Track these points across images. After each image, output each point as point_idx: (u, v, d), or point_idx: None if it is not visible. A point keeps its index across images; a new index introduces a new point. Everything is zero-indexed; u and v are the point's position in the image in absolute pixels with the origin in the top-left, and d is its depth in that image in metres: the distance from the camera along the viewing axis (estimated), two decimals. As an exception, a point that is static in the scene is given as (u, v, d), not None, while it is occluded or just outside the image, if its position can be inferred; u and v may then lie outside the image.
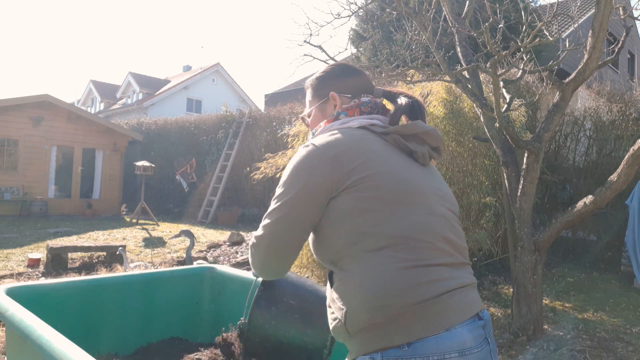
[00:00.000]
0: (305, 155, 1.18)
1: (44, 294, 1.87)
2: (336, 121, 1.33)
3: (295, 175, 1.18)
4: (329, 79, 1.43)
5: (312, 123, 1.44)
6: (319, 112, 1.42)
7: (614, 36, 13.32)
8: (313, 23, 4.31)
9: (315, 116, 1.43)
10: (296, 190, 1.16)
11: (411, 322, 1.04)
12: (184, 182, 13.00)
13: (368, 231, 1.11)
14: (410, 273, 1.07)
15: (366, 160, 1.16)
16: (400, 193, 1.14)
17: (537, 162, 3.78)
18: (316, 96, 1.43)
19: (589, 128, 7.82)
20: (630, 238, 5.98)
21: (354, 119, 1.30)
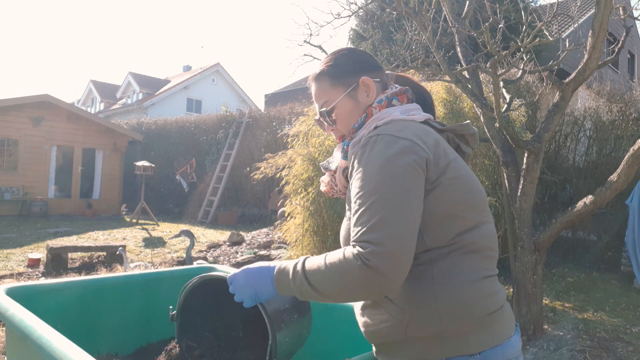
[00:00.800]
0: (400, 146, 1.03)
1: (44, 294, 1.87)
2: (391, 107, 1.18)
3: (389, 165, 1.01)
4: (351, 63, 1.25)
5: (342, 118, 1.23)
6: (351, 103, 1.22)
7: (614, 36, 13.31)
8: (313, 23, 4.31)
9: (345, 109, 1.22)
10: (398, 178, 1.00)
11: (483, 331, 1.06)
12: (184, 182, 13.00)
13: (453, 237, 1.06)
14: (485, 283, 1.08)
15: (451, 160, 1.10)
16: (480, 200, 1.13)
17: (537, 162, 3.78)
18: (338, 85, 1.23)
19: (589, 128, 7.82)
20: (630, 238, 5.98)
21: (413, 110, 1.19)
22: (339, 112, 1.23)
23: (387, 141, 1.05)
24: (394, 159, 1.02)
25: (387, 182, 0.99)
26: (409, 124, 1.12)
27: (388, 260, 0.92)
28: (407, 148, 1.03)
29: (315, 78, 1.27)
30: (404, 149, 1.03)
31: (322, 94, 1.26)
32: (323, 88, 1.25)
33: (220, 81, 27.78)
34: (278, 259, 6.26)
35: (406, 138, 1.05)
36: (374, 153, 1.04)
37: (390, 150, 1.03)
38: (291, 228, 5.22)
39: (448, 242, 1.06)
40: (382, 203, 0.97)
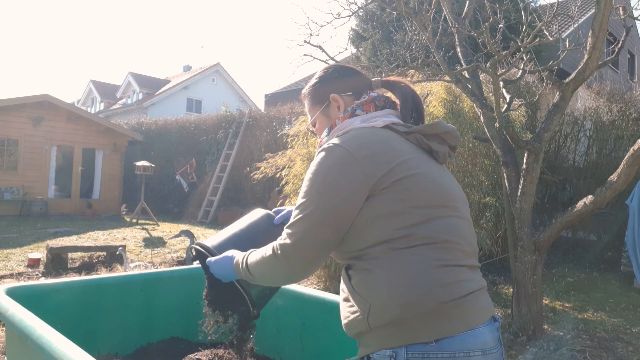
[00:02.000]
0: (337, 158, 1.15)
1: (44, 294, 1.87)
2: (354, 117, 1.30)
3: (328, 181, 1.14)
4: (326, 83, 1.41)
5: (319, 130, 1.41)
6: (325, 118, 1.39)
7: (614, 36, 13.31)
8: (313, 23, 4.31)
9: (321, 123, 1.40)
10: (331, 196, 1.13)
11: (440, 319, 1.07)
12: (184, 182, 13.00)
13: (401, 232, 1.11)
14: (441, 271, 1.11)
15: (400, 162, 1.16)
16: (435, 196, 1.16)
17: (537, 162, 3.78)
18: (316, 103, 1.41)
19: (589, 128, 7.82)
20: (630, 238, 5.98)
21: (376, 117, 1.28)
22: (318, 126, 1.41)
23: (328, 152, 1.17)
24: (327, 170, 1.15)
25: (315, 188, 1.14)
26: (363, 131, 1.22)
27: (291, 250, 1.15)
28: (341, 160, 1.14)
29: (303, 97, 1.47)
30: (339, 161, 1.14)
31: (308, 111, 1.46)
32: (307, 107, 1.45)
33: (220, 81, 27.78)
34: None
35: (349, 151, 1.15)
36: (314, 162, 1.19)
37: (327, 161, 1.16)
38: (291, 228, 5.20)
39: (395, 236, 1.11)
40: (306, 205, 1.14)
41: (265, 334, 2.07)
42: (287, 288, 2.01)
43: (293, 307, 1.97)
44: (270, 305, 2.04)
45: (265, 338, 2.07)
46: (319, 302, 1.89)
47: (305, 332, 1.94)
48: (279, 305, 2.01)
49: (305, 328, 1.93)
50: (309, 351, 1.93)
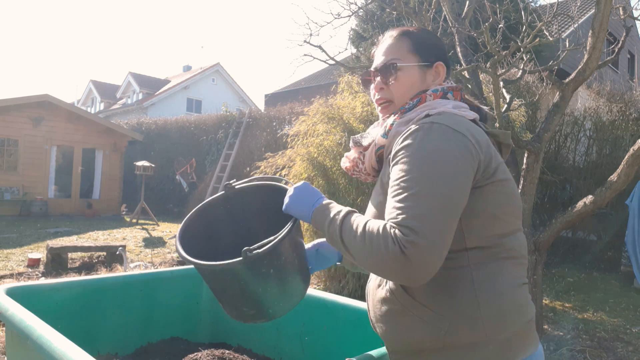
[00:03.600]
0: (448, 135, 1.00)
1: (44, 294, 1.87)
2: (445, 100, 1.14)
3: (442, 155, 0.97)
4: (435, 45, 1.23)
5: (400, 84, 1.18)
6: (417, 77, 1.18)
7: (614, 36, 13.31)
8: (313, 23, 4.31)
9: (410, 78, 1.18)
10: (456, 181, 0.96)
11: (520, 339, 1.03)
12: (184, 182, 13.00)
13: (494, 240, 1.03)
14: (523, 290, 1.07)
15: (500, 162, 1.08)
16: (519, 206, 1.11)
17: (537, 162, 3.78)
18: (417, 53, 1.19)
19: (589, 128, 7.82)
20: (630, 238, 5.98)
21: (464, 108, 1.14)
22: (402, 77, 1.18)
23: (443, 132, 1.00)
24: (448, 151, 0.98)
25: (437, 172, 0.95)
26: (461, 119, 1.08)
27: (426, 254, 0.89)
28: (462, 143, 0.99)
29: (396, 35, 1.22)
30: (459, 144, 0.99)
31: (395, 50, 1.20)
32: (400, 46, 1.20)
33: (220, 81, 27.78)
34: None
35: (462, 132, 1.01)
36: (427, 140, 0.99)
37: (445, 141, 0.99)
38: (291, 228, 5.20)
39: (488, 244, 1.02)
40: (430, 193, 0.93)
41: (265, 334, 2.07)
42: (287, 288, 2.01)
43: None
44: (270, 305, 2.04)
45: (265, 338, 2.07)
46: (319, 302, 1.89)
47: (305, 332, 1.94)
48: (279, 305, 2.00)
49: (305, 328, 1.93)
50: (309, 351, 1.93)
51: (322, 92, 6.97)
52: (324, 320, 1.87)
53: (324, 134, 5.03)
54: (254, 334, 2.13)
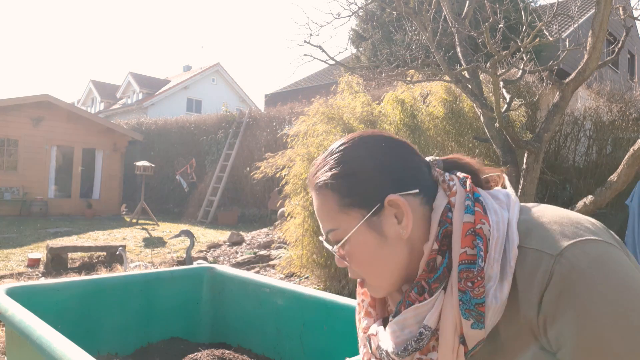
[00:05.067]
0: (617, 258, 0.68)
1: (44, 294, 1.87)
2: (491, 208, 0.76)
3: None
4: (370, 171, 0.79)
5: (361, 260, 0.80)
6: (372, 235, 0.78)
7: (614, 36, 13.31)
8: (313, 23, 4.31)
9: (364, 244, 0.78)
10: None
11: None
12: (184, 182, 13.00)
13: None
14: None
15: None
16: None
17: (537, 162, 3.78)
18: (352, 205, 0.78)
19: (589, 128, 7.82)
20: (630, 238, 5.98)
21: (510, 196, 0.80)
22: (355, 249, 0.80)
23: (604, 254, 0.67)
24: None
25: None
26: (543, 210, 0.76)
27: None
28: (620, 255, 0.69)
29: (315, 188, 0.83)
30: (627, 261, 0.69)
31: (326, 215, 0.82)
32: (329, 209, 0.81)
33: (220, 81, 27.78)
34: (278, 259, 6.26)
35: (610, 243, 0.70)
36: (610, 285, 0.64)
37: (625, 266, 0.67)
38: (291, 228, 5.21)
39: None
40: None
41: (265, 334, 2.07)
42: (287, 288, 2.01)
43: (293, 307, 1.97)
44: (270, 305, 2.04)
45: (265, 338, 2.08)
46: (319, 302, 1.89)
47: (305, 332, 1.94)
48: (279, 305, 2.01)
49: (305, 328, 1.93)
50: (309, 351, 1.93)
51: (322, 92, 6.97)
52: (324, 320, 1.87)
53: (324, 134, 5.03)
54: (254, 334, 2.13)
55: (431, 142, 5.26)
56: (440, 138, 5.37)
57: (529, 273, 0.69)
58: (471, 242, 0.72)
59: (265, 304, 2.06)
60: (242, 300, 2.18)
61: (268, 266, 6.28)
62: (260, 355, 2.08)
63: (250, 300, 2.13)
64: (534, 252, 0.69)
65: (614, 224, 7.01)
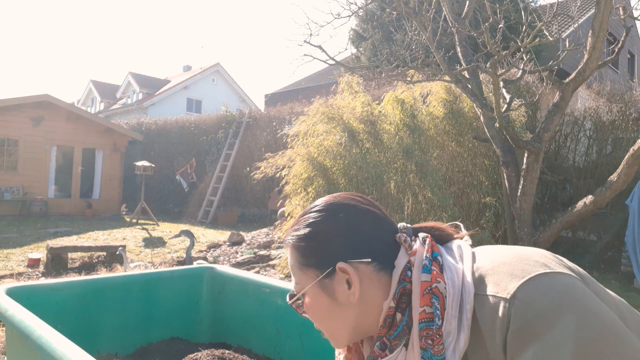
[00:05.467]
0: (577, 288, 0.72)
1: (44, 294, 1.87)
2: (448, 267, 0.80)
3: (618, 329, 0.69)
4: (328, 237, 0.84)
5: (318, 316, 0.86)
6: (324, 296, 0.83)
7: (614, 36, 13.31)
8: (313, 23, 4.31)
9: (318, 302, 0.84)
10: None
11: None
12: (184, 182, 13.01)
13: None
14: None
15: None
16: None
17: (537, 162, 3.78)
18: (309, 265, 0.85)
19: (589, 128, 7.82)
20: (630, 238, 5.98)
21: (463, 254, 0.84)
22: (310, 305, 0.86)
23: (555, 287, 0.71)
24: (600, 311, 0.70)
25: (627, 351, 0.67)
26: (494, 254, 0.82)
27: None
28: (579, 284, 0.74)
29: (285, 244, 0.92)
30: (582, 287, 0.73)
31: (291, 268, 0.89)
32: (292, 263, 0.89)
33: (220, 81, 27.79)
34: (278, 259, 6.26)
35: (561, 272, 0.75)
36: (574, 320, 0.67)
37: (579, 295, 0.71)
38: (291, 228, 5.21)
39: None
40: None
41: (265, 334, 2.07)
42: (287, 288, 2.01)
43: (293, 307, 1.97)
44: (270, 305, 2.04)
45: (265, 338, 2.07)
46: (319, 302, 1.89)
47: (305, 332, 1.94)
48: (279, 305, 2.01)
49: (305, 328, 1.93)
50: (309, 351, 1.93)
51: (322, 92, 6.97)
52: (324, 320, 1.87)
53: (324, 134, 5.03)
54: (254, 334, 2.13)
55: (431, 142, 5.26)
56: (440, 138, 5.37)
57: (489, 321, 0.72)
58: (429, 300, 0.76)
59: (265, 304, 2.06)
60: (242, 300, 2.18)
61: (268, 266, 6.28)
62: (260, 355, 2.08)
63: (250, 300, 2.13)
64: (491, 298, 0.73)
65: (614, 224, 7.01)
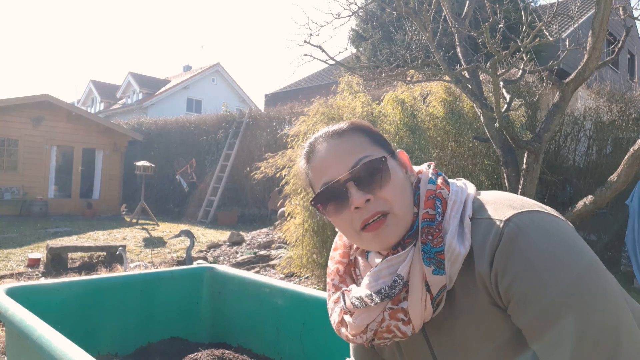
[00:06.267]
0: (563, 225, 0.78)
1: (44, 294, 1.87)
2: (460, 186, 0.89)
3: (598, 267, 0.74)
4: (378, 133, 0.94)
5: (392, 187, 0.84)
6: (401, 172, 0.89)
7: (614, 36, 13.31)
8: (313, 23, 4.31)
9: (397, 175, 0.87)
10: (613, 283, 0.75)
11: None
12: (184, 182, 13.01)
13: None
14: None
15: None
16: None
17: (537, 162, 3.78)
18: (379, 145, 0.90)
19: (589, 128, 7.82)
20: (630, 238, 5.98)
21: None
22: (391, 173, 0.85)
23: (549, 221, 0.77)
24: (584, 248, 0.75)
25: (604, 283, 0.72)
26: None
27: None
28: (563, 224, 0.79)
29: (338, 132, 0.89)
30: (566, 226, 0.78)
31: (357, 148, 0.87)
32: (359, 142, 0.88)
33: (220, 81, 27.79)
34: (278, 259, 6.26)
35: (557, 216, 0.80)
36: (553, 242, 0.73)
37: (568, 231, 0.77)
38: (291, 228, 5.22)
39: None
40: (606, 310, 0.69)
41: (265, 334, 2.07)
42: (287, 288, 2.01)
43: (293, 307, 1.97)
44: (270, 305, 2.04)
45: (265, 338, 2.08)
46: (319, 302, 1.89)
47: (305, 332, 1.94)
48: (279, 305, 2.01)
49: (305, 328, 1.93)
50: (309, 351, 1.93)
51: (322, 92, 6.97)
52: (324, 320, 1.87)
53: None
54: (254, 334, 2.13)
55: (431, 142, 5.26)
56: (440, 138, 5.37)
57: (482, 237, 0.78)
58: (432, 204, 0.84)
59: (265, 304, 2.06)
60: (242, 300, 2.18)
61: (268, 266, 6.28)
62: (260, 355, 2.08)
63: (250, 300, 2.13)
64: (486, 221, 0.80)
65: (614, 224, 7.01)
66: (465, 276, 0.80)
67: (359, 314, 0.86)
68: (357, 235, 0.86)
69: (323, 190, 0.86)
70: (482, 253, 0.77)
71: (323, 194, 0.86)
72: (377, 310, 0.84)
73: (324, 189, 0.85)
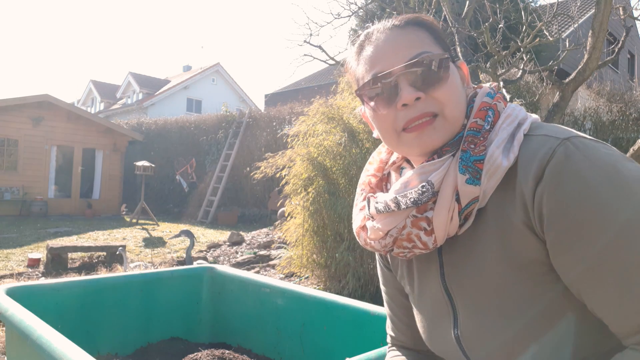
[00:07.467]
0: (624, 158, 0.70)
1: (44, 294, 1.87)
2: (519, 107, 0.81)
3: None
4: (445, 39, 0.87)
5: (452, 85, 0.78)
6: (458, 79, 0.82)
7: (614, 36, 13.32)
8: (313, 23, 4.32)
9: (456, 77, 0.81)
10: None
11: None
12: (184, 182, 13.02)
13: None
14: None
15: None
16: None
17: (537, 162, 3.78)
18: (441, 46, 0.82)
19: (589, 128, 7.82)
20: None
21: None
22: (451, 77, 0.79)
23: (615, 153, 0.69)
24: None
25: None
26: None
27: None
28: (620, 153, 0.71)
29: (400, 25, 0.82)
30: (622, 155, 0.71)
31: (417, 42, 0.80)
32: (421, 37, 0.80)
33: (220, 81, 27.79)
34: (278, 259, 6.26)
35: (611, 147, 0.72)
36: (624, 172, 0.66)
37: (620, 156, 0.69)
38: (291, 228, 5.22)
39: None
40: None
41: (265, 334, 2.07)
42: (287, 288, 2.01)
43: (293, 307, 1.97)
44: (270, 305, 2.04)
45: (265, 338, 2.08)
46: (319, 302, 1.89)
47: (305, 332, 1.94)
48: (279, 305, 2.01)
49: (305, 328, 1.93)
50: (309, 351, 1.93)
51: (322, 92, 6.97)
52: (324, 320, 1.87)
53: (324, 134, 5.03)
54: (254, 334, 2.13)
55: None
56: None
57: (532, 151, 0.71)
58: (484, 115, 0.78)
59: (265, 304, 2.06)
60: (242, 300, 2.18)
61: (268, 266, 6.28)
62: (260, 355, 2.08)
63: (250, 300, 2.13)
64: (541, 137, 0.72)
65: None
66: (502, 192, 0.73)
67: (381, 219, 0.81)
68: (396, 136, 0.80)
69: (372, 79, 0.79)
70: (529, 167, 0.69)
71: (370, 83, 0.79)
72: (401, 217, 0.78)
73: (373, 78, 0.79)
